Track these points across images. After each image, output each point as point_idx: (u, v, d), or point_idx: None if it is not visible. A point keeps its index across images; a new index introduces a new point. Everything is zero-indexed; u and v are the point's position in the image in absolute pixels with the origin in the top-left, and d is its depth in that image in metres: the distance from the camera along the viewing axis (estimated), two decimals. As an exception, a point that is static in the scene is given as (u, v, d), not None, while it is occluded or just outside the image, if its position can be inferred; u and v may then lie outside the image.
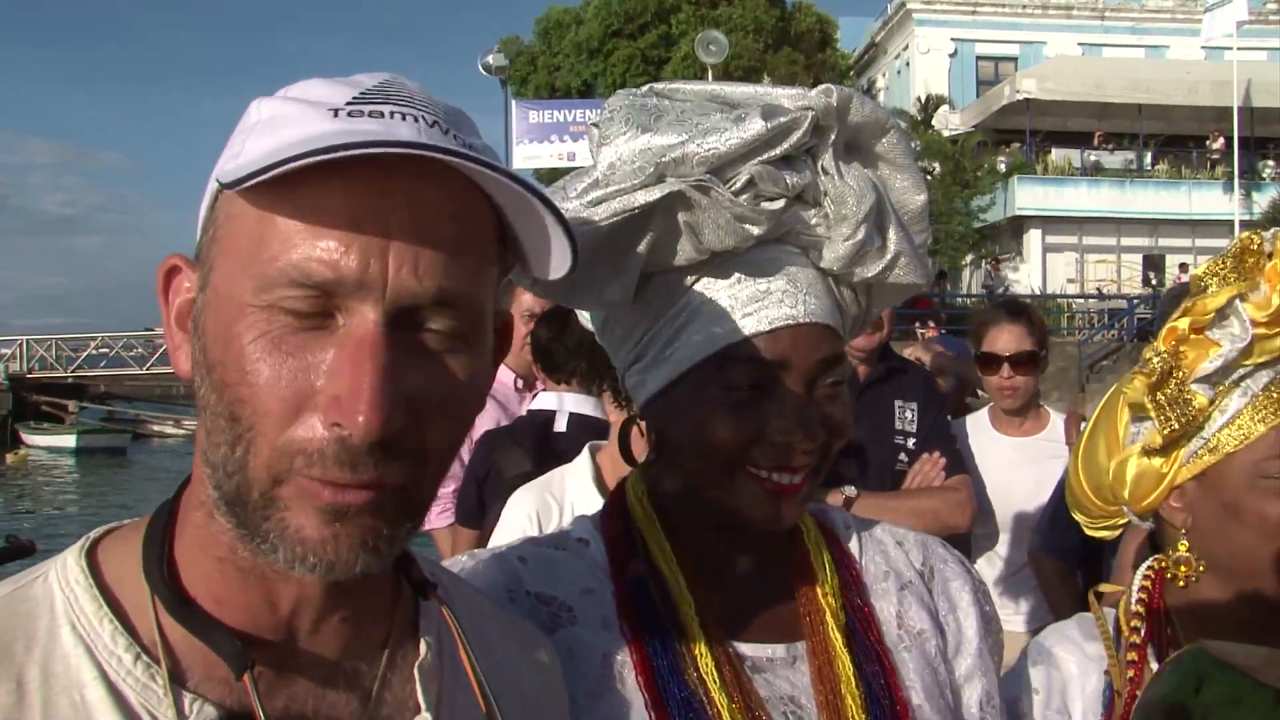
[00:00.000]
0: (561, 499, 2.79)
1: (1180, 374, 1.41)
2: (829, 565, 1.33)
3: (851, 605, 1.31)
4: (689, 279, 1.25)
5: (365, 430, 0.77)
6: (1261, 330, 1.37)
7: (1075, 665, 1.48)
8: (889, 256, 1.27)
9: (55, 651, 0.81)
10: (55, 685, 0.80)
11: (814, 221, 1.24)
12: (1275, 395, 1.39)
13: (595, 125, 1.27)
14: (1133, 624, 1.45)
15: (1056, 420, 4.11)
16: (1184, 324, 1.41)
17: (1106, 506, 1.56)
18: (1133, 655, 1.42)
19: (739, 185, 1.18)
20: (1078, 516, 1.64)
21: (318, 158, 0.75)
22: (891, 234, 1.27)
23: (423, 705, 0.93)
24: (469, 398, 0.87)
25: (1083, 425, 4.13)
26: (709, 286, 1.24)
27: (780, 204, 1.20)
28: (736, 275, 1.23)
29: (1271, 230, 1.43)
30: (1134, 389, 1.44)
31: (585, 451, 2.87)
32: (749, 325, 1.21)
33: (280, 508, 0.80)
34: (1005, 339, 3.94)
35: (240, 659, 0.82)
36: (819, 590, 1.30)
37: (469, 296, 0.84)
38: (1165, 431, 1.41)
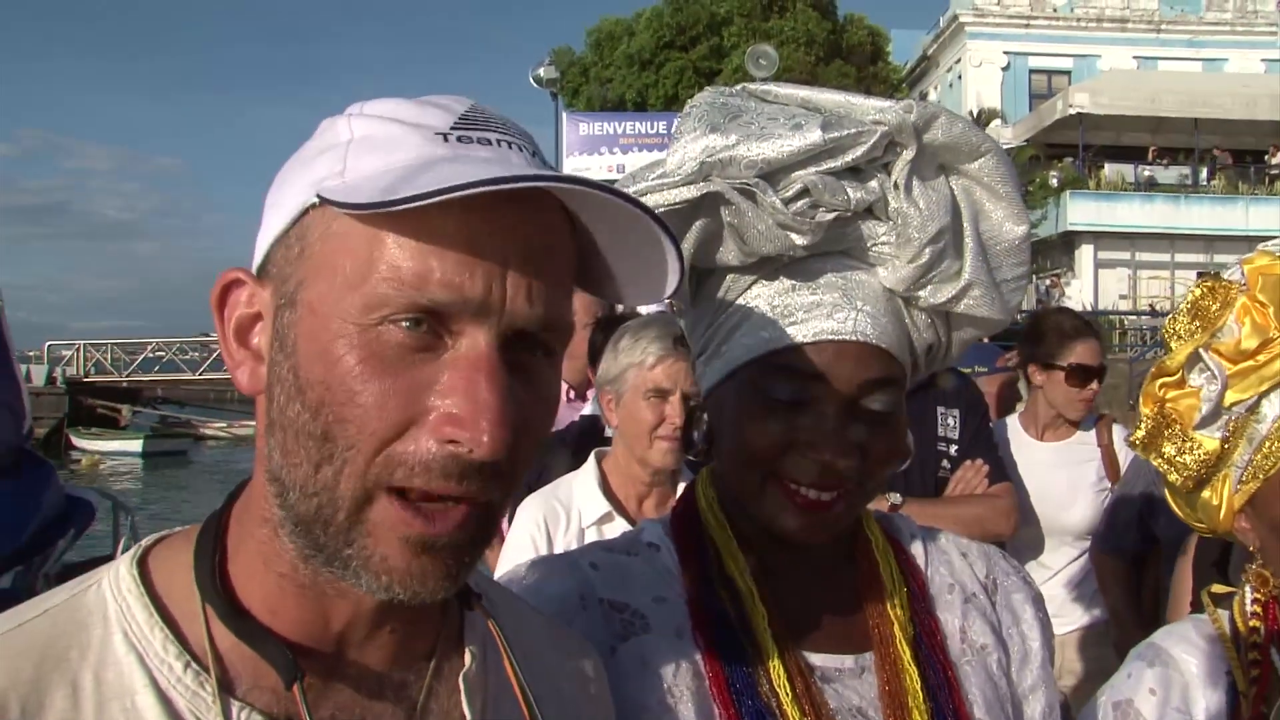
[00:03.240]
0: (569, 505, 2.84)
1: (1179, 426, 1.44)
2: (897, 575, 1.32)
3: (918, 617, 1.31)
4: (748, 279, 1.25)
5: (491, 448, 0.78)
6: (1242, 366, 1.38)
7: (1196, 666, 1.45)
8: (960, 285, 1.24)
9: (108, 659, 0.83)
10: (108, 692, 0.82)
11: (885, 238, 1.23)
12: None
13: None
14: (1252, 624, 1.44)
15: (1088, 424, 4.14)
16: (1155, 386, 1.46)
17: (1204, 527, 1.57)
18: (1255, 655, 1.42)
19: (791, 193, 1.17)
20: (1210, 536, 1.65)
21: (491, 187, 0.76)
22: (969, 262, 1.24)
23: (468, 716, 0.94)
24: (552, 414, 0.90)
25: (1113, 429, 4.16)
26: (765, 290, 1.24)
27: (830, 216, 1.19)
28: (793, 283, 1.23)
29: (1235, 260, 1.44)
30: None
31: (591, 458, 2.92)
32: (794, 334, 1.20)
33: (364, 533, 0.81)
34: (1094, 354, 3.98)
35: (291, 669, 0.83)
36: (887, 601, 1.30)
37: (563, 320, 0.86)
38: (1180, 481, 1.45)
